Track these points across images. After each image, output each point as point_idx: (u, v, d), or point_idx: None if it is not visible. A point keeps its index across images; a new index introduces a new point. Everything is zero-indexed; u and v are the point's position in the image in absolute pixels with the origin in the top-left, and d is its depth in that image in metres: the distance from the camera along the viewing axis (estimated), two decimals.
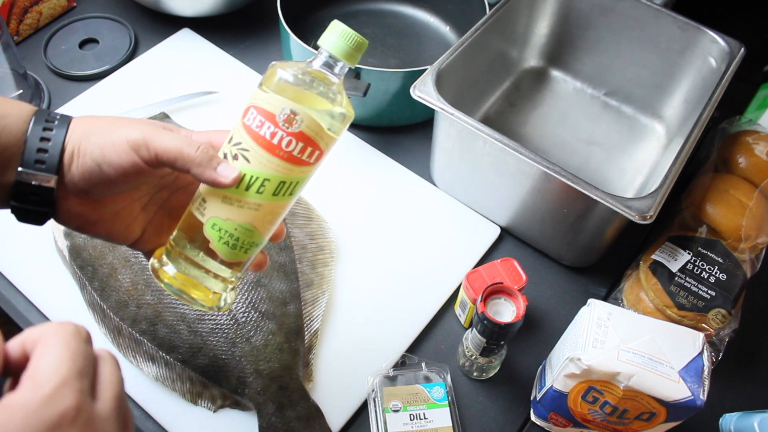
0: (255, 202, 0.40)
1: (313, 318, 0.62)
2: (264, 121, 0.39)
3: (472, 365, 0.61)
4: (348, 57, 0.41)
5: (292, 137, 0.39)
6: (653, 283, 0.63)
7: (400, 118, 0.79)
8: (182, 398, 0.57)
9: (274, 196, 0.40)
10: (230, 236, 0.40)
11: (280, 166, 0.39)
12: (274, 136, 0.39)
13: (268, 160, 0.39)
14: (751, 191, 0.68)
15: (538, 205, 0.65)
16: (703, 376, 0.48)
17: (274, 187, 0.40)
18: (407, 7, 0.92)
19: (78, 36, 0.85)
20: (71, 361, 0.29)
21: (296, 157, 0.39)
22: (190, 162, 0.38)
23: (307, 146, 0.39)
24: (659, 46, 0.76)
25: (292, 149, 0.39)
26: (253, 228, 0.40)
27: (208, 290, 0.41)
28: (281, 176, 0.40)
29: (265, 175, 0.39)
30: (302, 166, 0.40)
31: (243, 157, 0.39)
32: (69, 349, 0.29)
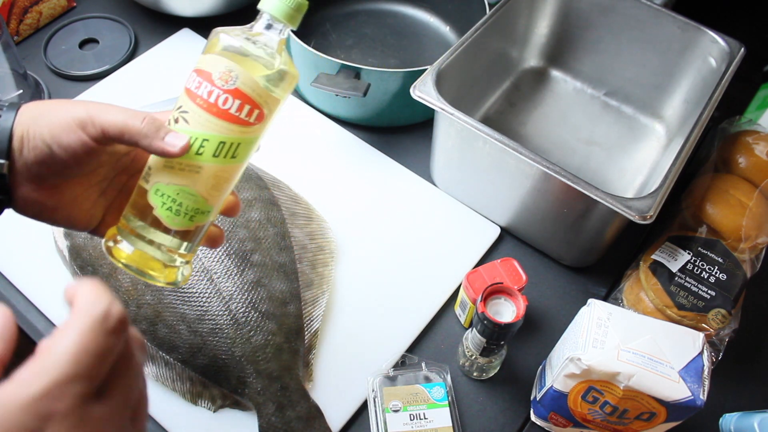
0: (195, 164, 0.39)
1: (313, 318, 0.62)
2: (202, 81, 0.39)
3: (472, 365, 0.61)
4: (288, 18, 0.41)
5: (229, 94, 0.39)
6: (653, 283, 0.63)
7: (400, 118, 0.79)
8: (182, 398, 0.57)
9: (214, 157, 0.39)
10: (173, 201, 0.39)
11: (218, 124, 0.39)
12: (210, 95, 0.39)
13: (206, 119, 0.39)
14: (751, 191, 0.68)
15: (538, 205, 0.65)
16: (703, 376, 0.48)
17: (214, 148, 0.39)
18: (407, 7, 0.92)
19: (78, 36, 0.85)
20: (77, 359, 0.25)
21: (234, 116, 0.39)
22: (136, 134, 0.38)
23: (244, 104, 0.39)
24: (659, 46, 0.76)
25: (228, 107, 0.39)
26: (195, 192, 0.39)
27: (163, 264, 0.41)
28: (220, 136, 0.39)
29: (204, 135, 0.39)
30: (242, 126, 0.39)
31: (183, 119, 0.39)
32: (81, 344, 0.25)
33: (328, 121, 0.79)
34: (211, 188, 0.40)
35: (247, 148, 0.41)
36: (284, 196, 0.68)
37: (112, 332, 0.27)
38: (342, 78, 0.70)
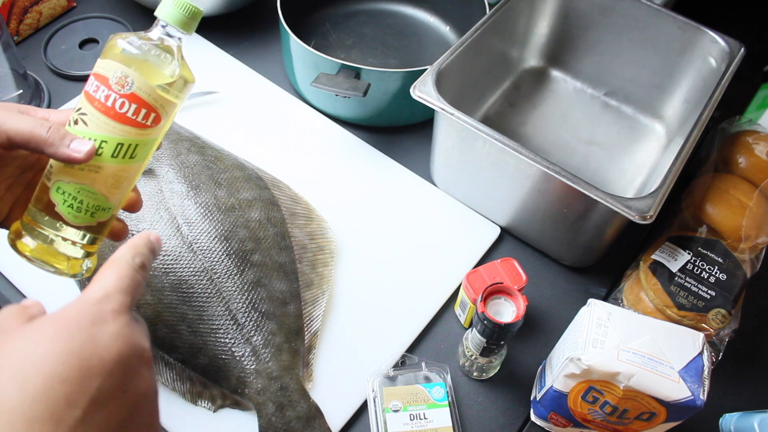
0: (95, 164, 0.41)
1: (313, 318, 0.62)
2: (99, 86, 0.40)
3: (472, 365, 0.61)
4: (183, 25, 0.42)
5: (125, 99, 0.40)
6: (653, 283, 0.63)
7: (400, 118, 0.79)
8: (182, 398, 0.57)
9: (113, 157, 0.41)
10: (74, 199, 0.41)
11: (116, 127, 0.41)
12: (108, 99, 0.40)
13: (104, 122, 0.40)
14: (751, 191, 0.68)
15: (538, 205, 0.65)
16: (703, 376, 0.48)
17: (113, 149, 0.41)
18: (407, 7, 0.92)
19: (78, 36, 0.85)
20: (119, 278, 0.35)
21: (131, 119, 0.41)
22: (42, 143, 0.40)
23: (140, 108, 0.41)
24: (659, 46, 0.76)
25: (125, 110, 0.41)
26: (95, 191, 0.42)
27: (66, 257, 0.43)
28: (118, 138, 0.41)
29: (102, 137, 0.41)
30: (139, 128, 0.41)
31: (82, 121, 0.41)
32: (119, 271, 0.36)
33: (328, 121, 0.79)
34: (111, 187, 0.42)
35: (145, 149, 0.43)
36: (284, 196, 0.68)
37: (140, 267, 0.37)
38: (342, 78, 0.70)
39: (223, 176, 0.65)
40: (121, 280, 0.35)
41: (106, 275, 0.35)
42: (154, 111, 0.42)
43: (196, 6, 0.43)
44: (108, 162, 0.41)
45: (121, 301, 0.34)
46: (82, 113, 0.41)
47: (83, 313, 0.32)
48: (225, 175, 0.66)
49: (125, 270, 0.36)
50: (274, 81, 0.83)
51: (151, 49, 0.41)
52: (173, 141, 0.68)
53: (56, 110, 0.45)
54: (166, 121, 0.43)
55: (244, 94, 0.81)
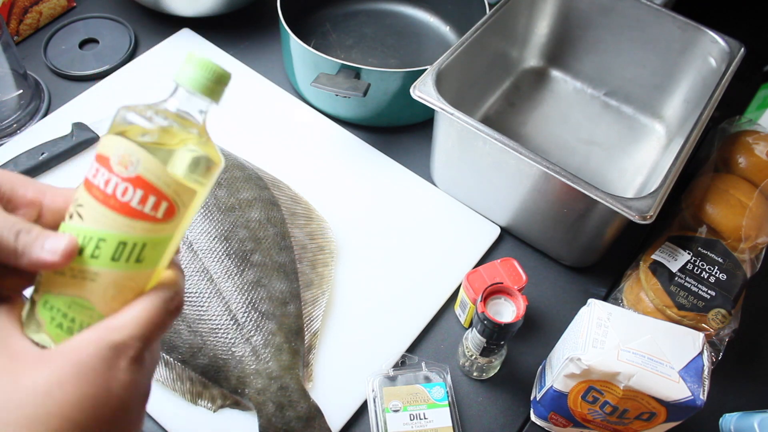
0: (90, 269, 0.31)
1: (313, 318, 0.62)
2: (99, 168, 0.32)
3: (472, 365, 0.61)
4: (208, 92, 0.34)
5: (129, 183, 0.31)
6: (653, 283, 0.63)
7: (400, 118, 0.79)
8: (182, 398, 0.57)
9: (113, 261, 0.31)
10: (63, 316, 0.32)
11: (116, 220, 0.31)
12: (107, 184, 0.31)
13: (102, 214, 0.31)
14: (751, 191, 0.68)
15: (538, 205, 0.65)
16: (703, 376, 0.48)
17: (113, 249, 0.31)
18: (407, 7, 0.92)
19: (78, 36, 0.85)
20: (145, 324, 0.32)
21: (136, 210, 0.31)
22: (10, 254, 0.31)
23: (148, 194, 0.31)
24: (659, 46, 0.76)
25: (129, 199, 0.31)
26: (90, 305, 0.32)
27: None
28: (120, 234, 0.31)
29: (100, 234, 0.31)
30: (147, 222, 0.32)
31: (78, 214, 0.32)
32: (150, 314, 0.32)
33: (328, 121, 0.79)
34: (110, 300, 0.32)
35: (156, 251, 0.33)
36: (284, 196, 0.68)
37: (172, 313, 0.33)
38: (342, 78, 0.70)
39: (222, 176, 0.65)
40: (148, 326, 0.31)
41: (135, 314, 0.31)
42: (166, 199, 0.32)
43: (223, 68, 0.34)
44: (106, 267, 0.31)
45: (140, 349, 0.31)
46: (79, 204, 0.32)
47: (101, 356, 0.30)
48: (225, 175, 0.66)
49: (157, 313, 0.32)
50: (274, 81, 0.83)
51: (167, 122, 0.33)
52: None
53: (56, 189, 0.35)
54: (184, 215, 0.33)
55: (244, 94, 0.81)
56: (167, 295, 0.33)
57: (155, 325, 0.32)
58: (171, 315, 0.33)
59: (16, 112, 0.75)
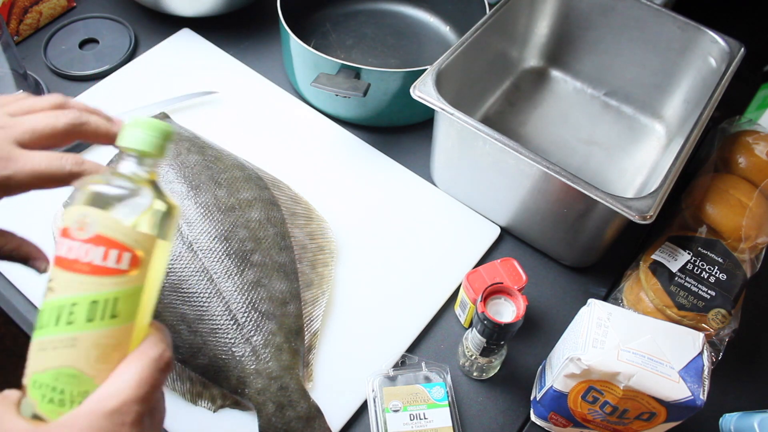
0: (68, 336, 0.32)
1: (313, 318, 0.62)
2: (62, 240, 0.34)
3: (472, 365, 0.61)
4: (155, 149, 0.36)
5: (89, 244, 0.33)
6: (653, 283, 0.63)
7: (400, 118, 0.79)
8: (182, 398, 0.57)
9: (89, 322, 0.32)
10: (53, 390, 0.32)
11: (84, 282, 0.32)
12: (71, 250, 0.33)
13: (70, 281, 0.33)
14: (751, 191, 0.68)
15: (538, 205, 0.65)
16: (703, 376, 0.48)
17: (86, 311, 0.32)
18: (407, 7, 0.92)
19: (78, 36, 0.85)
20: (140, 386, 0.32)
21: (100, 266, 0.33)
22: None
23: (109, 249, 0.33)
24: (659, 46, 0.76)
25: (92, 258, 0.33)
26: (76, 372, 0.32)
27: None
28: (90, 295, 0.32)
29: (71, 300, 0.32)
30: (114, 276, 0.33)
31: (50, 289, 0.33)
32: (143, 376, 0.32)
33: (328, 121, 0.79)
34: (95, 361, 0.32)
35: (130, 303, 0.33)
36: (284, 196, 0.68)
37: (163, 370, 0.33)
38: (342, 78, 0.70)
39: (223, 176, 0.65)
40: (141, 387, 0.31)
41: (126, 378, 0.31)
42: (127, 250, 0.33)
43: (166, 124, 0.36)
44: (84, 329, 0.32)
45: (138, 412, 0.31)
46: (50, 280, 0.34)
47: (99, 428, 0.30)
48: (225, 175, 0.66)
49: (149, 372, 0.32)
50: (274, 81, 0.83)
51: (116, 182, 0.34)
52: (173, 141, 0.69)
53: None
54: (151, 261, 0.34)
55: (244, 94, 0.81)
56: (156, 352, 0.33)
57: (149, 385, 0.32)
58: (163, 372, 0.33)
59: None
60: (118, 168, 0.36)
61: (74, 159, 0.39)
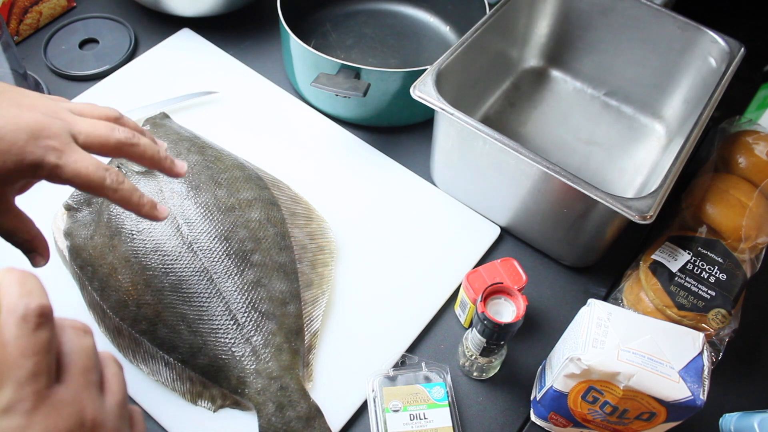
0: None
1: (313, 318, 0.62)
2: None
3: (472, 365, 0.61)
4: None
5: None
6: (653, 283, 0.63)
7: (400, 118, 0.79)
8: (182, 398, 0.57)
9: None
10: None
11: None
12: None
13: None
14: (751, 191, 0.68)
15: (538, 205, 0.65)
16: (703, 376, 0.48)
17: None
18: (407, 7, 0.92)
19: (78, 36, 0.85)
20: (18, 364, 0.28)
21: None
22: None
23: None
24: (659, 46, 0.76)
25: None
26: None
27: None
28: None
29: None
30: None
31: None
32: (15, 349, 0.28)
33: (328, 121, 0.79)
34: None
35: None
36: (284, 196, 0.68)
37: (37, 328, 0.29)
38: (342, 78, 0.70)
39: (223, 176, 0.65)
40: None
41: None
42: None
43: None
44: None
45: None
46: None
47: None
48: (225, 175, 0.66)
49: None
50: (274, 81, 0.83)
51: None
52: (173, 141, 0.68)
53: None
54: None
55: (244, 94, 0.81)
56: (17, 314, 0.30)
57: (28, 355, 0.28)
58: (35, 331, 0.30)
59: None
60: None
61: (116, 177, 0.40)
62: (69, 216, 0.64)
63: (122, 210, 0.62)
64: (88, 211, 0.64)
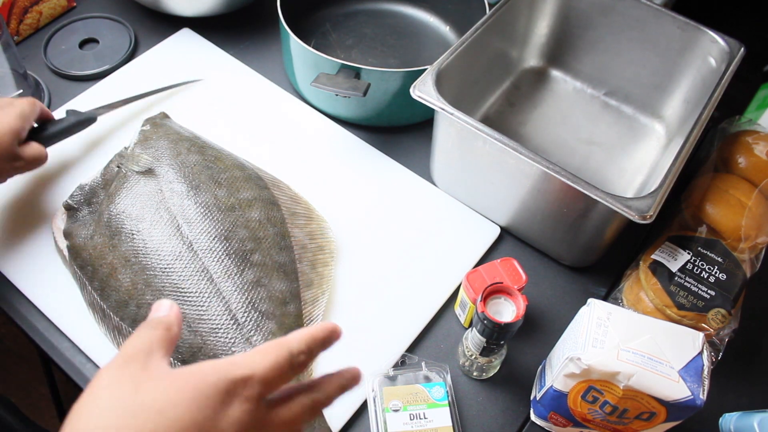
0: None
1: (313, 318, 0.62)
2: None
3: (472, 365, 0.61)
4: None
5: None
6: (653, 283, 0.63)
7: (400, 118, 0.79)
8: None
9: None
10: None
11: None
12: None
13: None
14: (750, 191, 0.68)
15: (538, 205, 0.65)
16: (702, 376, 0.48)
17: None
18: (407, 7, 0.92)
19: (78, 36, 0.85)
20: (266, 368, 0.34)
21: None
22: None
23: None
24: (659, 46, 0.76)
25: None
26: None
27: None
28: None
29: None
30: None
31: None
32: (273, 362, 0.35)
33: (328, 121, 0.79)
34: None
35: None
36: (284, 196, 0.68)
37: (295, 368, 0.35)
38: (342, 78, 0.70)
39: (223, 176, 0.65)
40: (271, 370, 0.34)
41: (260, 356, 0.34)
42: None
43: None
44: None
45: (258, 392, 0.33)
46: None
47: (218, 387, 0.32)
48: (225, 175, 0.66)
49: (283, 361, 0.35)
50: (274, 81, 0.83)
51: None
52: (173, 141, 0.68)
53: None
54: None
55: (244, 94, 0.81)
56: (295, 347, 0.35)
57: (278, 372, 0.34)
58: (294, 370, 0.35)
59: None
60: None
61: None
62: (69, 216, 0.64)
63: (122, 210, 0.62)
64: (88, 211, 0.64)
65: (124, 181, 0.64)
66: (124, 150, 0.68)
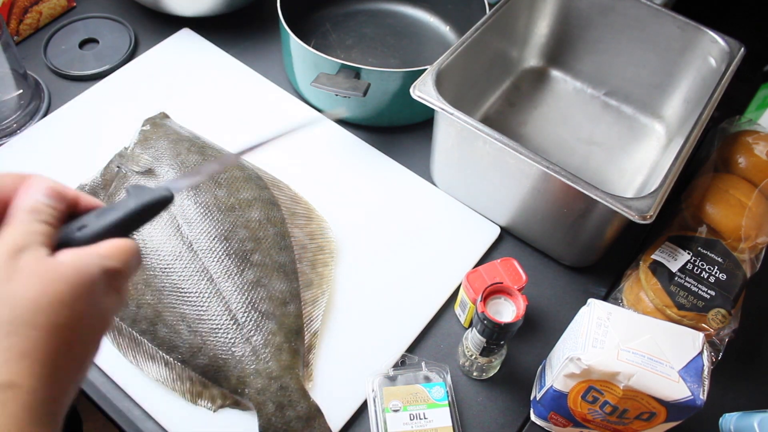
0: None
1: (313, 318, 0.62)
2: None
3: (472, 365, 0.61)
4: None
5: None
6: (653, 283, 0.63)
7: (400, 118, 0.79)
8: (182, 398, 0.57)
9: None
10: None
11: None
12: None
13: None
14: (750, 191, 0.68)
15: (538, 205, 0.65)
16: (703, 376, 0.48)
17: None
18: (407, 7, 0.92)
19: (78, 36, 0.85)
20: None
21: None
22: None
23: None
24: (659, 46, 0.76)
25: None
26: None
27: None
28: None
29: None
30: None
31: None
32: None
33: (328, 121, 0.79)
34: None
35: None
36: (284, 196, 0.68)
37: (140, 260, 0.36)
38: (342, 78, 0.70)
39: (222, 176, 0.65)
40: (132, 259, 0.35)
41: (123, 247, 0.34)
42: None
43: None
44: None
45: (125, 281, 0.34)
46: None
47: (99, 279, 0.32)
48: (225, 175, 0.66)
49: (137, 251, 0.36)
50: (274, 81, 0.83)
51: None
52: (173, 141, 0.68)
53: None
54: None
55: (244, 94, 0.81)
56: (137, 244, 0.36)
57: (136, 261, 0.35)
58: (139, 262, 0.36)
59: (16, 112, 0.75)
60: None
61: None
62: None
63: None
64: None
65: (124, 182, 0.64)
66: (124, 150, 0.68)
